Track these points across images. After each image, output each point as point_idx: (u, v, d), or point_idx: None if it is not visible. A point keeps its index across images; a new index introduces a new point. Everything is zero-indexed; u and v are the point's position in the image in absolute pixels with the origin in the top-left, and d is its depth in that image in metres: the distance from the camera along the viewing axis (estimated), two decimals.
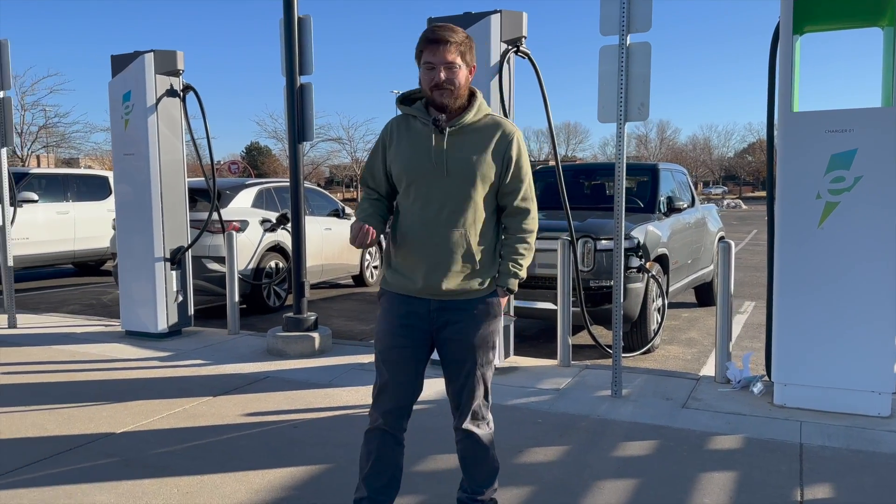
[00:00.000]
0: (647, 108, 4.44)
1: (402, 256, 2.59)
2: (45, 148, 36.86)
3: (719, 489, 3.27)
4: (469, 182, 2.52)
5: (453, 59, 2.47)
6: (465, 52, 2.50)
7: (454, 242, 2.53)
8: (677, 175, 8.33)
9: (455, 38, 2.47)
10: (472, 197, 2.53)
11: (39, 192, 11.10)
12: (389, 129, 2.66)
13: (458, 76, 2.49)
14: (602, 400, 4.60)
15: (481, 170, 2.53)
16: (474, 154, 2.53)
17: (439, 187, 2.53)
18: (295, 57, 5.89)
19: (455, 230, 2.53)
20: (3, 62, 6.94)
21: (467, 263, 2.55)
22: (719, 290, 4.98)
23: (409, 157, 2.56)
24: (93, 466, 3.59)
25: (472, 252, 2.55)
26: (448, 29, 2.48)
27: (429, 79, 2.49)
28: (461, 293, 2.56)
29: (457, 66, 2.48)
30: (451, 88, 2.49)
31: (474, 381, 2.64)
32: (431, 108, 2.57)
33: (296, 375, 5.26)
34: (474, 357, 2.61)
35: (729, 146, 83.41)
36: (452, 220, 2.52)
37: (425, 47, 2.48)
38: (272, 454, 3.73)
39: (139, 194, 6.36)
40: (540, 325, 7.59)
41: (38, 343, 6.41)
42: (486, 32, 5.01)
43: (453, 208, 2.53)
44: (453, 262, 2.54)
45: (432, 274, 2.53)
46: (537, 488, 3.30)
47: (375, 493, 2.67)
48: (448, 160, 2.51)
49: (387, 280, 2.65)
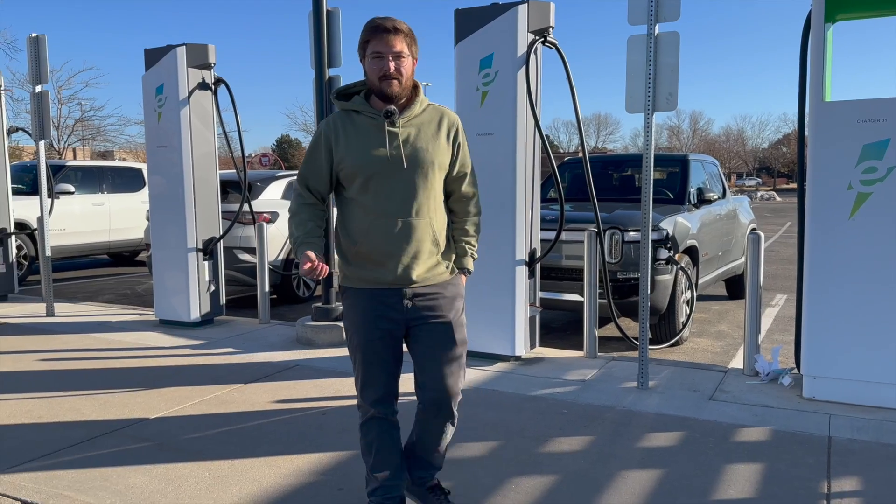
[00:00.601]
0: (676, 99, 4.41)
1: (368, 251, 2.59)
2: (81, 141, 37.63)
3: (745, 480, 3.26)
4: (428, 171, 2.59)
5: (401, 49, 2.52)
6: (410, 44, 2.57)
7: (422, 231, 2.60)
8: (708, 166, 8.24)
9: (403, 28, 2.54)
10: (432, 185, 2.62)
11: (75, 183, 11.36)
12: (332, 127, 2.63)
13: (404, 66, 2.54)
14: (628, 391, 4.60)
15: (438, 158, 2.62)
16: (429, 143, 2.61)
17: (399, 179, 2.57)
18: (324, 50, 5.95)
19: (420, 219, 2.60)
20: (40, 57, 7.12)
21: (434, 249, 2.64)
22: (748, 281, 4.93)
23: (362, 152, 2.56)
24: (127, 450, 3.70)
25: (436, 238, 2.65)
26: (394, 20, 2.54)
27: (377, 68, 2.52)
28: (432, 278, 2.65)
29: (404, 56, 2.53)
30: (399, 78, 2.53)
31: (459, 359, 2.71)
32: (374, 101, 2.60)
33: (324, 364, 5.34)
34: (453, 336, 2.68)
35: (763, 137, 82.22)
36: (416, 209, 2.59)
37: (371, 37, 2.52)
38: (301, 440, 3.81)
39: (172, 186, 6.49)
40: (566, 316, 7.58)
41: (74, 331, 6.59)
42: (513, 23, 5.01)
43: (415, 198, 2.58)
44: (423, 249, 2.61)
45: (404, 264, 2.58)
46: (561, 477, 3.32)
47: (386, 481, 2.73)
48: (405, 151, 2.57)
49: (351, 277, 2.65)
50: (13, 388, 4.79)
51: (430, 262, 2.64)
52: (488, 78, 5.13)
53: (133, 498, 3.13)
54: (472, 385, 4.77)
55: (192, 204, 6.46)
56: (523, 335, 5.31)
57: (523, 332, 5.30)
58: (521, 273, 5.22)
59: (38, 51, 7.10)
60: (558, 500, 3.10)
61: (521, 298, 5.24)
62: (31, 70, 7.15)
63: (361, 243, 2.59)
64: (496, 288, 5.23)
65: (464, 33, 5.20)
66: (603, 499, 3.10)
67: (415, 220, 2.58)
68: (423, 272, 2.62)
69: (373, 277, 2.61)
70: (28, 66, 7.16)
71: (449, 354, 2.67)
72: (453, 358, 2.68)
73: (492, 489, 3.20)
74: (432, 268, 2.65)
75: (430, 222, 2.62)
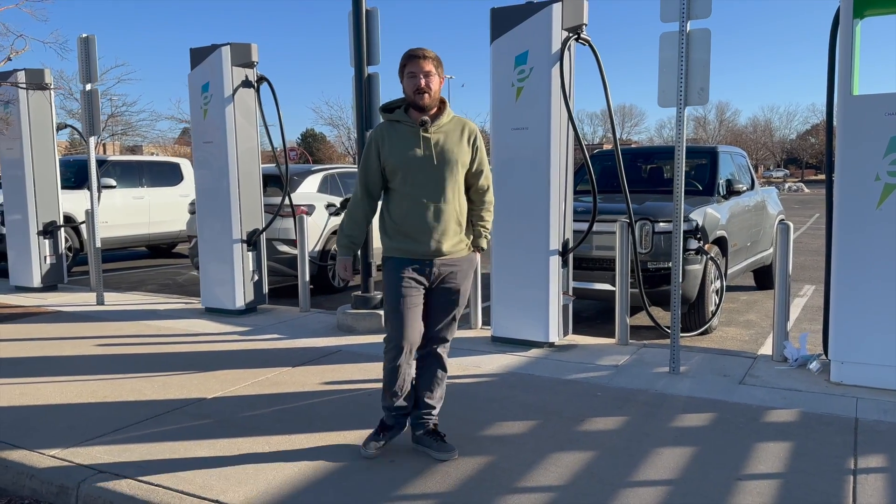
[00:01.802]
0: (707, 93, 4.57)
1: (407, 229, 3.34)
2: (112, 136, 38.35)
3: (774, 457, 3.44)
4: (453, 167, 3.34)
5: (430, 69, 3.29)
6: (437, 66, 3.33)
7: (448, 214, 3.35)
8: (737, 158, 8.35)
9: (430, 55, 3.32)
10: (456, 178, 3.36)
11: (116, 178, 11.73)
12: (380, 134, 3.40)
13: (433, 83, 3.29)
14: (660, 376, 4.78)
15: (461, 158, 3.36)
16: (454, 146, 3.35)
17: (430, 173, 3.31)
18: (363, 48, 6.18)
19: (447, 204, 3.34)
20: (90, 57, 7.44)
21: (458, 229, 3.40)
22: (777, 269, 5.08)
23: (403, 152, 3.32)
24: (190, 426, 3.97)
25: (460, 220, 3.41)
26: (424, 49, 3.32)
27: (412, 84, 3.28)
28: (455, 252, 3.41)
29: (432, 75, 3.29)
30: (429, 92, 3.29)
31: (455, 319, 3.50)
32: (412, 113, 3.34)
33: (365, 350, 5.59)
34: (458, 300, 3.47)
35: (791, 128, 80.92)
36: (445, 197, 3.34)
37: (407, 62, 3.30)
38: (351, 417, 4.05)
39: (217, 180, 6.77)
40: (596, 306, 7.76)
41: (125, 318, 6.91)
42: (547, 21, 5.19)
43: (444, 188, 3.33)
44: (449, 229, 3.36)
45: (436, 239, 3.33)
46: (599, 453, 3.52)
47: (401, 402, 3.50)
48: (435, 152, 3.31)
49: (392, 249, 3.39)
50: (76, 370, 5.10)
51: (454, 239, 3.39)
52: (523, 74, 5.32)
53: (201, 469, 3.39)
54: (507, 369, 4.99)
55: (236, 197, 6.74)
56: (557, 323, 5.50)
57: (557, 319, 5.50)
58: (555, 263, 5.42)
59: (87, 50, 7.41)
60: (597, 473, 3.30)
61: (555, 287, 5.43)
62: (82, 69, 7.46)
63: (402, 223, 3.35)
64: (531, 277, 5.43)
65: (499, 31, 5.39)
66: (640, 472, 3.30)
67: (443, 205, 3.33)
68: (450, 247, 3.37)
69: (411, 249, 3.35)
70: (78, 65, 7.48)
71: (453, 313, 3.48)
72: (455, 316, 3.51)
73: (534, 463, 3.42)
74: (456, 244, 3.41)
75: (454, 207, 3.37)
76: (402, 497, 3.10)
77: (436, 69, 3.31)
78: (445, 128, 3.36)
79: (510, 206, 5.42)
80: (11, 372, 5.06)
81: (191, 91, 6.86)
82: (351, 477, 3.29)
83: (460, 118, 3.44)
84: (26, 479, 3.42)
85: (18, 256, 8.62)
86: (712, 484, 3.16)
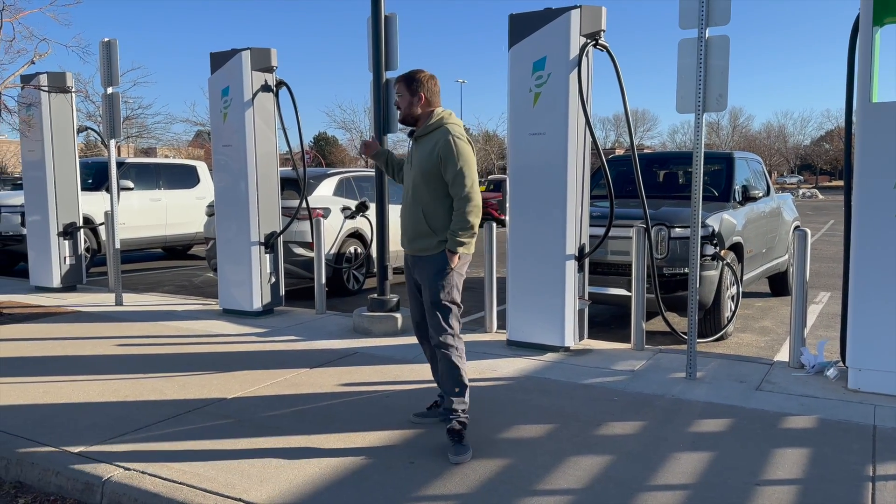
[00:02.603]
0: (726, 99, 4.59)
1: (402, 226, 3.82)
2: (128, 139, 38.65)
3: (792, 463, 3.45)
4: (424, 175, 3.61)
5: (400, 91, 3.70)
6: (407, 87, 3.68)
7: (417, 216, 3.68)
8: (752, 164, 8.34)
9: (400, 79, 3.72)
10: (427, 185, 3.62)
11: (134, 180, 11.85)
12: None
13: (402, 102, 3.71)
14: (676, 381, 4.79)
15: (429, 167, 3.61)
16: (425, 157, 3.63)
17: (408, 180, 3.74)
18: (381, 53, 6.23)
19: (416, 208, 3.69)
20: (111, 61, 7.53)
21: (427, 230, 3.65)
22: (795, 276, 5.08)
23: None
24: (212, 425, 4.02)
25: (429, 223, 3.65)
26: (403, 73, 3.77)
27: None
28: (421, 250, 3.67)
29: (402, 95, 3.70)
30: (400, 110, 3.74)
31: (436, 317, 3.66)
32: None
33: (382, 352, 5.63)
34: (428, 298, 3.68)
35: (805, 134, 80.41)
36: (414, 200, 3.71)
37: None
38: (369, 419, 4.09)
39: (236, 183, 6.85)
40: (610, 311, 7.77)
41: (144, 319, 6.99)
42: (566, 27, 5.23)
43: (412, 193, 3.69)
44: (419, 229, 3.68)
45: (408, 238, 3.72)
46: (617, 457, 3.54)
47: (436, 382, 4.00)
48: (413, 161, 3.72)
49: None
50: (97, 370, 5.17)
51: (422, 239, 3.69)
52: (541, 80, 5.36)
53: (223, 467, 3.44)
54: (523, 373, 5.01)
55: (255, 200, 6.81)
56: (572, 327, 5.53)
57: (573, 324, 5.52)
58: (571, 267, 5.44)
59: (109, 54, 7.51)
60: (615, 477, 3.32)
61: (571, 292, 5.46)
62: (103, 72, 7.56)
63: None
64: (547, 281, 5.46)
65: (517, 37, 5.44)
66: (657, 477, 3.32)
67: (412, 208, 3.76)
68: (417, 247, 3.75)
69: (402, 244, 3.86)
70: (100, 68, 7.58)
71: (429, 309, 3.74)
72: (434, 314, 3.69)
73: (551, 466, 3.44)
74: (423, 245, 3.70)
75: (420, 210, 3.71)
76: (421, 498, 3.14)
77: (406, 90, 3.68)
78: (423, 140, 3.70)
79: (526, 211, 5.45)
80: (34, 371, 5.14)
81: (211, 95, 6.94)
82: (371, 478, 3.33)
83: (443, 129, 3.62)
84: (52, 475, 3.48)
85: (38, 257, 8.73)
86: (730, 489, 3.18)
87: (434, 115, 3.67)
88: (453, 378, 3.65)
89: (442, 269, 3.63)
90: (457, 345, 3.67)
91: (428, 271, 3.65)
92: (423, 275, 3.69)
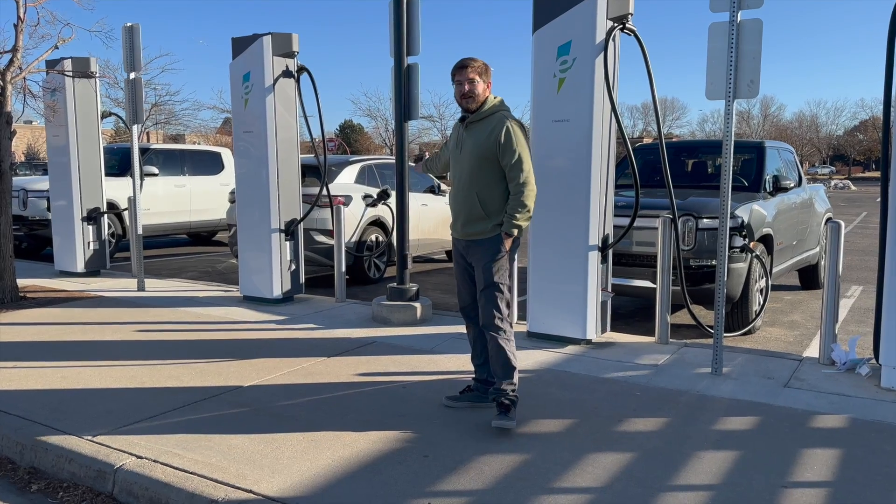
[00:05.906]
0: (757, 86, 4.42)
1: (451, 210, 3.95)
2: (156, 125, 39.05)
3: (821, 464, 3.31)
4: (478, 159, 3.70)
5: (473, 77, 3.72)
6: (480, 74, 3.74)
7: (472, 200, 3.77)
8: (784, 154, 8.10)
9: (473, 65, 3.74)
10: (482, 169, 3.71)
11: (159, 166, 11.90)
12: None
13: (476, 88, 3.73)
14: (701, 377, 4.66)
15: (485, 152, 3.69)
16: (481, 141, 3.72)
17: (457, 165, 3.83)
18: (403, 38, 6.12)
19: (470, 191, 3.78)
20: (134, 45, 7.52)
21: (481, 214, 3.75)
22: (827, 270, 4.91)
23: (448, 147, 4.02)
24: (227, 414, 3.99)
25: (484, 207, 3.76)
26: (469, 58, 3.79)
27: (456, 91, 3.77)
28: (476, 234, 3.75)
29: (476, 82, 3.73)
30: (473, 97, 3.74)
31: (487, 299, 3.77)
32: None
33: (400, 342, 5.56)
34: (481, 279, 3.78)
35: (838, 123, 78.68)
36: (467, 184, 3.79)
37: (456, 72, 3.76)
38: (385, 410, 4.02)
39: (257, 169, 6.80)
40: (634, 303, 7.62)
41: (165, 305, 7.00)
42: (592, 10, 5.08)
43: (466, 178, 3.77)
44: (473, 213, 3.78)
45: (461, 222, 3.81)
46: (638, 455, 3.44)
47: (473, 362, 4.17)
48: (464, 146, 3.80)
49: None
50: (116, 355, 5.17)
51: (474, 223, 3.81)
52: (566, 65, 5.22)
53: (236, 457, 3.40)
54: (543, 366, 4.91)
55: (275, 186, 6.76)
56: (594, 319, 5.40)
57: (595, 316, 5.40)
58: (594, 258, 5.32)
59: (132, 40, 7.50)
60: (636, 475, 3.22)
61: (594, 283, 5.33)
62: (126, 58, 7.56)
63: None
64: (569, 272, 5.34)
65: (542, 21, 5.30)
66: (680, 476, 3.21)
67: (466, 192, 3.86)
68: (468, 231, 3.86)
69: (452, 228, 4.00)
70: (123, 54, 7.58)
71: (480, 290, 3.85)
72: (486, 295, 3.81)
73: (570, 462, 3.35)
74: (475, 228, 3.81)
75: (475, 195, 3.79)
76: (436, 493, 3.06)
77: (480, 77, 3.75)
78: (475, 126, 3.77)
79: (548, 200, 5.32)
80: (54, 356, 5.16)
81: (232, 80, 6.89)
82: (384, 471, 3.26)
83: (499, 116, 3.73)
84: (66, 462, 3.47)
85: (63, 242, 8.80)
86: (756, 491, 3.06)
87: (487, 101, 3.78)
88: (503, 360, 3.76)
89: (497, 252, 3.75)
90: (506, 328, 3.78)
91: (482, 255, 3.76)
92: (477, 258, 3.79)
